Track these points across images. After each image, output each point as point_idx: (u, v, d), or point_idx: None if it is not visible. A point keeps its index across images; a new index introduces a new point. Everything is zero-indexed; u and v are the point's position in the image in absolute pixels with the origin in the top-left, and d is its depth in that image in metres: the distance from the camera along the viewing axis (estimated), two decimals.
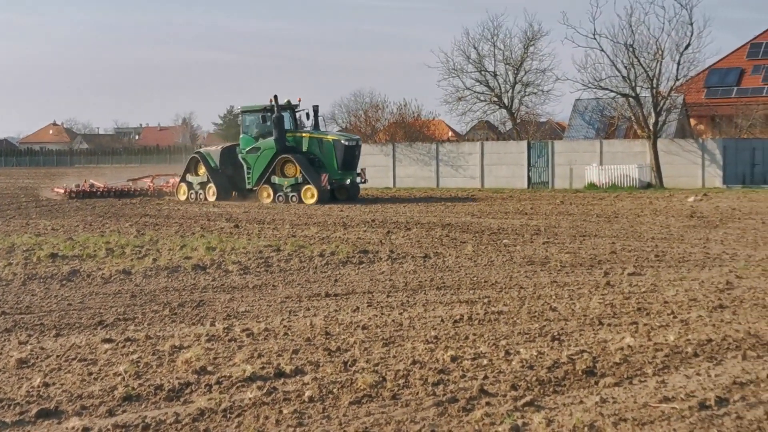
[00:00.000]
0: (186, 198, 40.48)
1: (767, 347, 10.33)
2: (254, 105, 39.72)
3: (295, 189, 37.47)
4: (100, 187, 43.81)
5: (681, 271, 16.50)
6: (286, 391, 8.81)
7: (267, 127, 38.52)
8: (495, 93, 58.11)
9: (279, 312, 13.08)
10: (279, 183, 37.93)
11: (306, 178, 37.13)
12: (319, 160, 38.03)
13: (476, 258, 18.67)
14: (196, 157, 40.98)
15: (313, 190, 36.95)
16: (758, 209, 30.24)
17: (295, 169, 37.56)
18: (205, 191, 40.05)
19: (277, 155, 38.00)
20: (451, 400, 8.42)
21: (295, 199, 37.29)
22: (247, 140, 39.22)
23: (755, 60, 68.39)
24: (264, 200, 37.99)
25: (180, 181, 41.58)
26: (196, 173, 40.82)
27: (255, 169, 38.76)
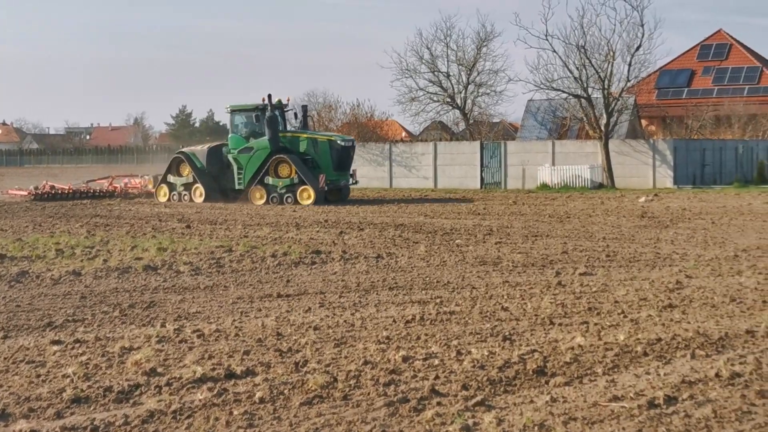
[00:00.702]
0: (167, 200, 39.33)
1: (716, 346, 10.42)
2: (245, 104, 38.92)
3: (291, 190, 36.72)
4: (64, 188, 42.62)
5: (632, 271, 16.61)
6: (236, 392, 8.77)
7: (258, 127, 37.81)
8: (448, 93, 58.26)
9: (230, 313, 13.02)
10: (273, 184, 37.08)
11: (302, 179, 36.49)
12: (313, 161, 37.37)
13: (429, 258, 18.69)
14: (179, 157, 39.77)
15: (309, 191, 36.34)
16: (708, 209, 30.52)
17: (290, 169, 36.83)
18: (191, 192, 38.97)
19: (271, 155, 37.16)
20: (402, 401, 8.42)
21: (290, 200, 36.57)
22: (238, 140, 38.23)
23: (705, 61, 69.08)
24: (256, 201, 37.08)
25: (160, 182, 40.31)
26: (179, 174, 39.66)
27: (247, 170, 37.76)
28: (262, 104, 37.82)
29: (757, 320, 11.81)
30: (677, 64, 69.05)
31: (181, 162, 39.60)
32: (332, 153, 37.27)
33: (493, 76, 58.56)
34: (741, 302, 13.18)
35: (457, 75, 58.42)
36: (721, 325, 11.61)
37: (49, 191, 41.47)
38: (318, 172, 36.84)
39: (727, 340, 10.72)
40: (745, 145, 51.30)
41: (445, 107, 59.89)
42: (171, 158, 40.88)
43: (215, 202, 37.74)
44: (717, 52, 69.37)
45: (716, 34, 71.29)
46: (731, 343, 10.57)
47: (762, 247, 19.80)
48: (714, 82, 67.30)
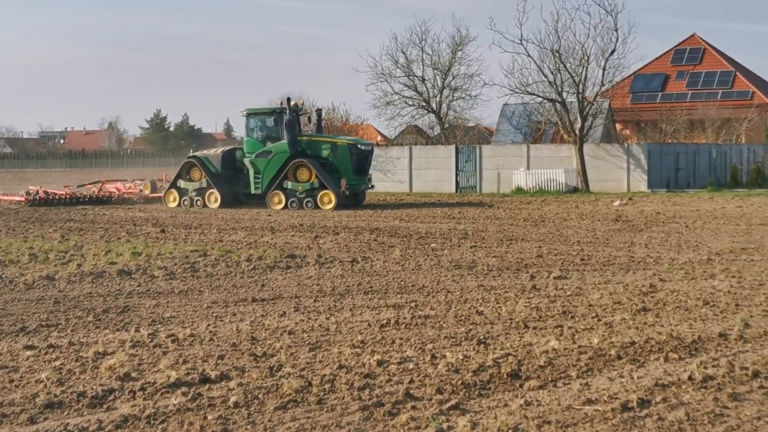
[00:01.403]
0: (177, 205, 38.11)
1: (689, 349, 10.48)
2: (262, 107, 38.40)
3: (311, 194, 35.92)
4: (59, 193, 41.21)
5: (606, 275, 16.68)
6: (211, 396, 8.76)
7: (275, 131, 37.03)
8: (423, 98, 58.33)
9: (205, 317, 12.99)
10: (292, 188, 36.14)
11: (323, 183, 35.72)
12: (331, 165, 36.61)
13: (404, 262, 18.71)
14: (191, 161, 38.54)
15: (330, 196, 35.51)
16: (682, 213, 30.67)
17: (310, 173, 35.99)
18: (205, 198, 37.79)
19: (291, 159, 36.23)
20: (377, 405, 8.42)
21: (310, 205, 35.69)
22: (254, 144, 37.33)
23: (679, 66, 69.42)
24: (275, 206, 36.15)
25: (169, 187, 39.04)
26: (190, 179, 38.40)
27: (265, 174, 36.80)
28: (280, 107, 37.20)
29: (730, 323, 11.87)
30: (651, 69, 69.36)
31: (192, 166, 38.47)
32: (352, 157, 36.55)
33: (468, 80, 58.72)
34: (714, 305, 13.25)
35: (433, 79, 58.54)
36: (695, 328, 11.67)
37: (44, 197, 39.95)
38: (337, 176, 36.16)
39: (700, 343, 10.78)
40: (719, 149, 51.56)
41: (421, 111, 59.98)
42: (182, 163, 39.59)
43: (231, 207, 36.81)
44: (691, 57, 69.73)
45: (690, 38, 71.66)
46: (704, 346, 10.63)
47: (735, 250, 19.91)
48: (688, 87, 67.63)
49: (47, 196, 40.18)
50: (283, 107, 36.99)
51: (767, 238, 22.33)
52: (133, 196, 41.58)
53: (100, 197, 41.38)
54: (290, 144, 36.30)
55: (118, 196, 41.49)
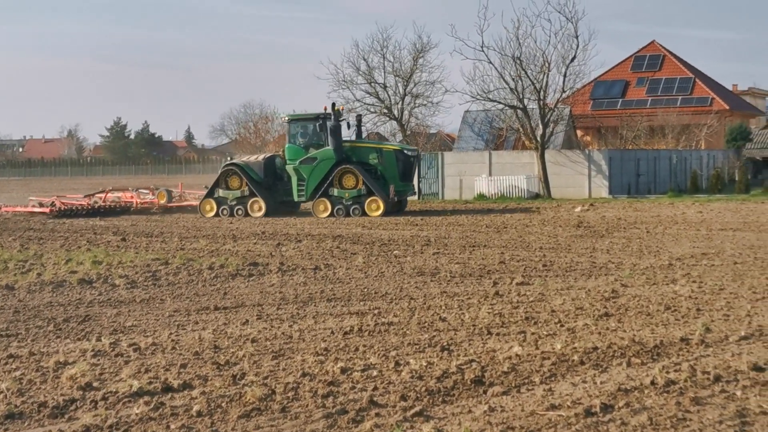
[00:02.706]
0: (215, 215, 36.47)
1: (651, 354, 10.52)
2: (304, 113, 37.53)
3: (357, 201, 35.11)
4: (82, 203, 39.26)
5: (568, 281, 16.73)
6: (173, 405, 8.70)
7: (319, 137, 36.17)
8: (385, 105, 58.31)
9: (167, 326, 12.91)
10: (338, 195, 35.31)
11: (371, 190, 34.98)
12: (377, 171, 35.83)
13: (367, 269, 18.69)
14: (231, 169, 36.99)
15: (379, 202, 34.76)
16: (643, 219, 30.84)
17: (356, 180, 35.23)
18: (247, 206, 36.27)
19: (336, 166, 35.38)
20: (341, 412, 8.40)
21: (357, 212, 34.87)
22: (297, 150, 36.22)
23: (639, 72, 69.85)
24: (320, 214, 35.22)
25: (206, 196, 37.27)
26: (228, 187, 36.89)
27: (310, 181, 35.75)
28: (324, 113, 36.37)
29: (691, 328, 11.94)
30: (611, 75, 69.74)
31: (231, 174, 36.96)
32: (398, 163, 35.95)
33: (429, 87, 58.72)
34: (676, 310, 13.32)
35: (394, 86, 58.52)
36: (656, 333, 11.72)
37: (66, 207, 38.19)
38: (383, 182, 35.55)
39: (662, 348, 10.83)
40: (679, 155, 51.94)
41: (382, 118, 59.92)
42: (220, 171, 37.85)
43: (275, 216, 35.91)
44: (650, 63, 70.19)
45: (650, 45, 72.13)
46: (666, 351, 10.68)
47: (696, 255, 20.03)
48: (648, 93, 68.06)
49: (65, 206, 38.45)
50: (327, 113, 36.17)
51: (727, 243, 22.48)
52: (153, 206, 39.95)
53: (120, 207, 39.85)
54: (336, 150, 35.45)
55: (137, 206, 39.94)
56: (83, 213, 37.92)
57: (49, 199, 41.06)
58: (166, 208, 39.74)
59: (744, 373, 9.48)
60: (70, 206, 38.68)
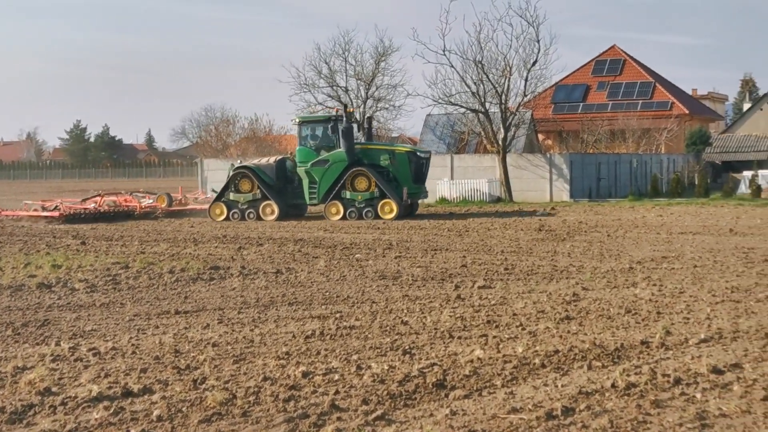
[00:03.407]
0: (225, 218, 35.72)
1: (612, 357, 10.56)
2: (316, 115, 36.99)
3: (370, 204, 34.63)
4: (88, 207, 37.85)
5: (530, 284, 16.78)
6: (133, 410, 8.64)
7: (330, 139, 35.59)
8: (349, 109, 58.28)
9: (127, 330, 12.83)
10: (351, 198, 34.83)
11: (384, 192, 34.58)
12: (389, 173, 35.34)
13: (328, 273, 18.66)
14: (242, 172, 36.15)
15: (392, 205, 34.35)
16: (603, 222, 30.99)
17: (369, 182, 34.73)
18: (259, 210, 35.56)
19: (349, 168, 34.85)
20: (302, 416, 8.38)
21: (370, 215, 34.41)
22: (308, 153, 35.66)
23: (600, 77, 70.31)
24: (332, 217, 34.74)
25: (216, 199, 36.56)
26: (239, 190, 36.12)
27: (322, 184, 35.26)
28: (335, 115, 36.17)
29: (651, 331, 12.00)
30: (573, 80, 70.13)
31: (242, 177, 36.19)
32: (411, 165, 35.49)
33: (391, 90, 58.78)
34: (636, 313, 13.39)
35: (356, 89, 58.52)
36: (617, 336, 11.77)
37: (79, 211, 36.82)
38: (395, 184, 35.15)
39: (622, 351, 10.88)
40: (639, 159, 52.30)
41: None
42: (232, 174, 36.73)
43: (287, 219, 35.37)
44: (611, 68, 70.66)
45: (610, 49, 72.59)
46: (627, 354, 10.72)
47: (656, 259, 20.15)
48: (608, 97, 68.50)
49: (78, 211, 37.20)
50: (338, 115, 35.92)
51: (687, 246, 22.64)
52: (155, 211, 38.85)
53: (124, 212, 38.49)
54: (348, 152, 34.94)
55: (140, 210, 38.74)
56: (92, 218, 36.52)
57: (51, 203, 39.84)
58: (168, 211, 38.84)
59: (704, 375, 9.54)
60: (78, 210, 37.45)
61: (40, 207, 38.46)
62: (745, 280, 16.58)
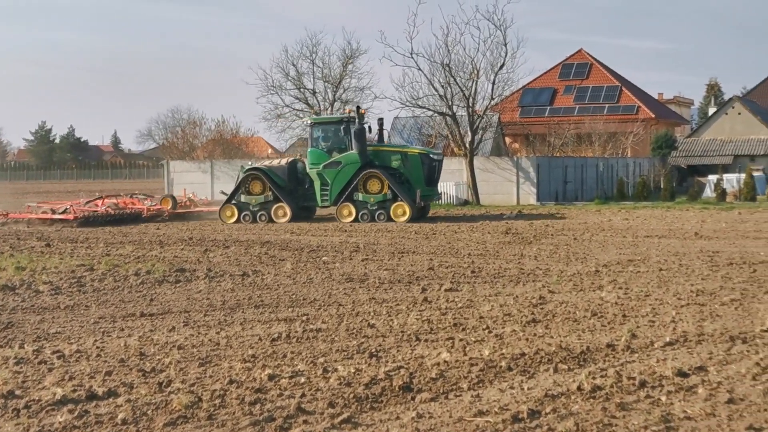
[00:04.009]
0: (236, 221, 35.16)
1: (577, 360, 10.59)
2: (328, 116, 36.57)
3: (383, 206, 34.30)
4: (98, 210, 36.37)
5: (496, 287, 16.80)
6: (98, 414, 8.59)
7: (342, 140, 35.19)
8: (314, 110, 58.23)
9: (92, 333, 12.75)
10: (363, 200, 34.48)
11: (397, 195, 34.22)
12: (401, 175, 35.02)
13: (295, 276, 18.61)
14: (254, 174, 35.68)
15: (405, 207, 34.00)
16: (570, 226, 31.07)
17: (381, 184, 34.39)
18: (270, 212, 35.10)
19: (361, 170, 34.55)
20: (268, 419, 8.35)
21: (382, 217, 34.05)
22: (319, 154, 35.33)
23: (567, 80, 70.57)
24: (344, 219, 34.39)
25: (226, 202, 35.94)
26: (250, 192, 35.66)
27: (334, 186, 34.91)
28: (348, 116, 35.78)
29: (617, 334, 12.04)
30: (540, 83, 70.37)
31: (253, 179, 35.77)
32: (423, 167, 35.16)
33: (359, 93, 58.75)
34: (602, 316, 13.44)
35: (323, 92, 58.46)
36: (583, 339, 11.81)
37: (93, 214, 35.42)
38: (408, 186, 34.81)
39: (588, 353, 10.91)
40: (606, 162, 52.53)
41: None
42: (243, 176, 36.21)
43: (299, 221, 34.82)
44: (578, 72, 70.96)
45: (577, 53, 72.92)
46: (593, 357, 10.76)
47: (622, 262, 20.23)
48: (575, 101, 68.78)
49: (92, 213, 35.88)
50: (351, 116, 35.56)
51: (653, 249, 22.74)
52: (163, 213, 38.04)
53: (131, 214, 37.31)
54: (360, 154, 34.62)
55: (147, 213, 37.76)
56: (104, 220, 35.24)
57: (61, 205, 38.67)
58: (175, 214, 38.16)
59: (669, 378, 9.58)
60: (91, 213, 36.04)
61: (49, 210, 37.33)
62: (710, 284, 16.68)
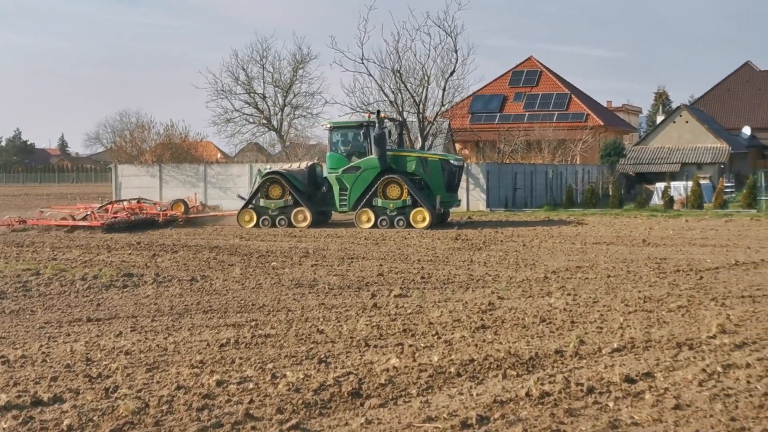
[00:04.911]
0: (255, 225, 34.71)
1: (526, 366, 10.62)
2: (347, 120, 36.10)
3: (402, 212, 33.66)
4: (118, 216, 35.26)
5: (446, 293, 16.82)
6: (43, 420, 8.49)
7: (361, 145, 34.62)
8: (264, 115, 58.17)
9: (37, 338, 12.61)
10: (382, 206, 33.84)
11: (417, 201, 33.58)
12: (421, 181, 34.42)
13: (244, 281, 18.53)
14: (273, 177, 35.11)
15: (424, 214, 33.35)
16: (519, 232, 31.19)
17: (401, 190, 33.73)
18: (290, 217, 34.60)
19: (381, 175, 33.94)
20: (216, 425, 8.29)
21: (402, 224, 33.42)
22: (339, 159, 34.79)
23: (517, 87, 70.95)
24: (363, 225, 33.80)
25: (244, 206, 35.41)
26: (269, 197, 35.06)
27: (353, 191, 34.32)
28: (367, 120, 35.19)
29: (565, 340, 12.09)
30: (490, 90, 70.71)
31: (272, 183, 35.20)
32: (444, 173, 34.56)
33: (309, 98, 58.86)
34: (551, 323, 13.49)
35: (274, 97, 58.49)
36: (532, 345, 11.84)
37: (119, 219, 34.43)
38: (428, 192, 34.21)
39: (537, 359, 10.94)
40: (555, 169, 52.84)
41: (261, 129, 59.81)
42: (261, 180, 35.54)
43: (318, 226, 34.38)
44: (528, 79, 71.38)
45: (527, 61, 73.35)
46: (541, 363, 10.79)
47: (570, 268, 20.33)
48: (525, 108, 69.15)
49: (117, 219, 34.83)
50: (371, 120, 34.95)
51: (601, 256, 22.89)
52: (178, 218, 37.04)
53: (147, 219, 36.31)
54: (380, 159, 33.99)
55: (162, 218, 36.51)
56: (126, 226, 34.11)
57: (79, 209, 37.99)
58: (187, 219, 37.43)
59: (616, 384, 9.63)
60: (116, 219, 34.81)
61: (69, 215, 36.58)
62: (658, 290, 16.80)
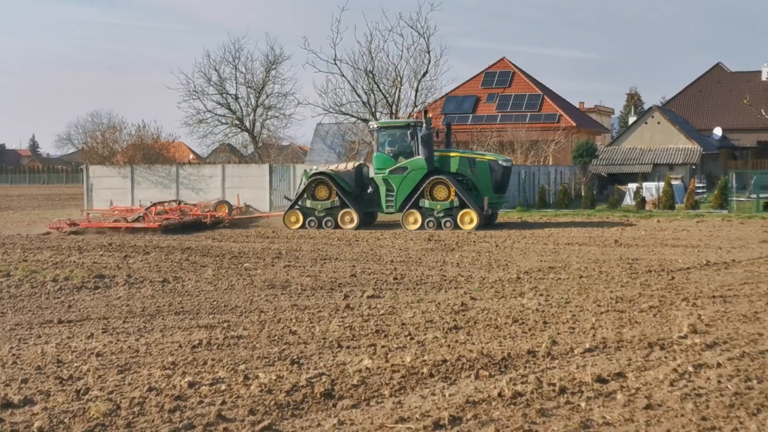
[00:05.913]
0: (301, 226, 34.54)
1: (499, 366, 10.64)
2: (395, 121, 35.64)
3: (449, 214, 33.21)
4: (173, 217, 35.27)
5: (418, 294, 16.83)
6: (13, 422, 8.44)
7: (408, 146, 34.16)
8: (237, 116, 58.08)
9: (8, 340, 12.53)
10: (429, 207, 33.44)
11: (464, 202, 33.17)
12: (468, 182, 34.02)
13: (216, 282, 18.48)
14: (320, 178, 34.78)
15: (472, 215, 32.92)
16: (492, 233, 31.21)
17: (448, 191, 33.32)
18: (337, 218, 34.32)
19: (428, 176, 33.54)
20: (188, 427, 8.27)
21: (449, 225, 32.98)
22: (385, 159, 34.34)
23: (490, 88, 70.99)
24: (410, 226, 33.40)
25: (291, 206, 35.25)
26: (316, 198, 34.80)
27: (399, 192, 33.94)
28: (414, 121, 34.87)
29: (538, 340, 12.12)
30: (462, 91, 70.75)
31: (319, 184, 34.92)
32: (492, 174, 34.06)
33: (282, 99, 58.81)
34: (523, 323, 13.52)
35: (246, 97, 58.42)
36: (504, 345, 11.86)
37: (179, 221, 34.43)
38: (475, 194, 33.78)
39: (509, 360, 10.96)
40: (528, 170, 52.91)
41: (234, 130, 59.72)
42: (307, 180, 35.15)
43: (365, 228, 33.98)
44: (501, 80, 71.44)
45: (500, 62, 73.41)
46: (513, 363, 10.81)
47: (543, 269, 20.39)
48: (498, 109, 69.21)
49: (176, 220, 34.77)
50: (418, 120, 34.62)
51: (573, 257, 22.96)
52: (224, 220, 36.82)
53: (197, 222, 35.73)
54: (427, 160, 33.66)
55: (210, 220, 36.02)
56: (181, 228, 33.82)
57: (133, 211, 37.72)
58: (232, 221, 37.14)
59: (588, 384, 9.66)
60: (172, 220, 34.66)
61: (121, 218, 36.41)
62: (629, 291, 16.87)
